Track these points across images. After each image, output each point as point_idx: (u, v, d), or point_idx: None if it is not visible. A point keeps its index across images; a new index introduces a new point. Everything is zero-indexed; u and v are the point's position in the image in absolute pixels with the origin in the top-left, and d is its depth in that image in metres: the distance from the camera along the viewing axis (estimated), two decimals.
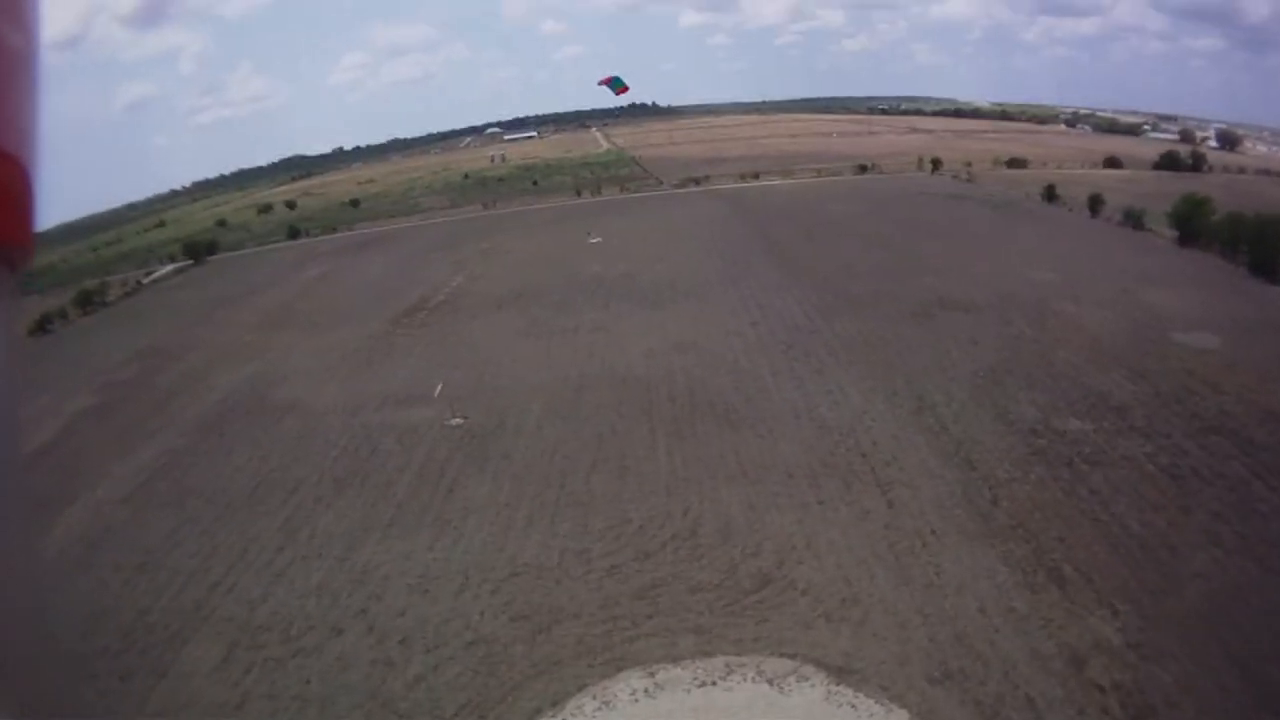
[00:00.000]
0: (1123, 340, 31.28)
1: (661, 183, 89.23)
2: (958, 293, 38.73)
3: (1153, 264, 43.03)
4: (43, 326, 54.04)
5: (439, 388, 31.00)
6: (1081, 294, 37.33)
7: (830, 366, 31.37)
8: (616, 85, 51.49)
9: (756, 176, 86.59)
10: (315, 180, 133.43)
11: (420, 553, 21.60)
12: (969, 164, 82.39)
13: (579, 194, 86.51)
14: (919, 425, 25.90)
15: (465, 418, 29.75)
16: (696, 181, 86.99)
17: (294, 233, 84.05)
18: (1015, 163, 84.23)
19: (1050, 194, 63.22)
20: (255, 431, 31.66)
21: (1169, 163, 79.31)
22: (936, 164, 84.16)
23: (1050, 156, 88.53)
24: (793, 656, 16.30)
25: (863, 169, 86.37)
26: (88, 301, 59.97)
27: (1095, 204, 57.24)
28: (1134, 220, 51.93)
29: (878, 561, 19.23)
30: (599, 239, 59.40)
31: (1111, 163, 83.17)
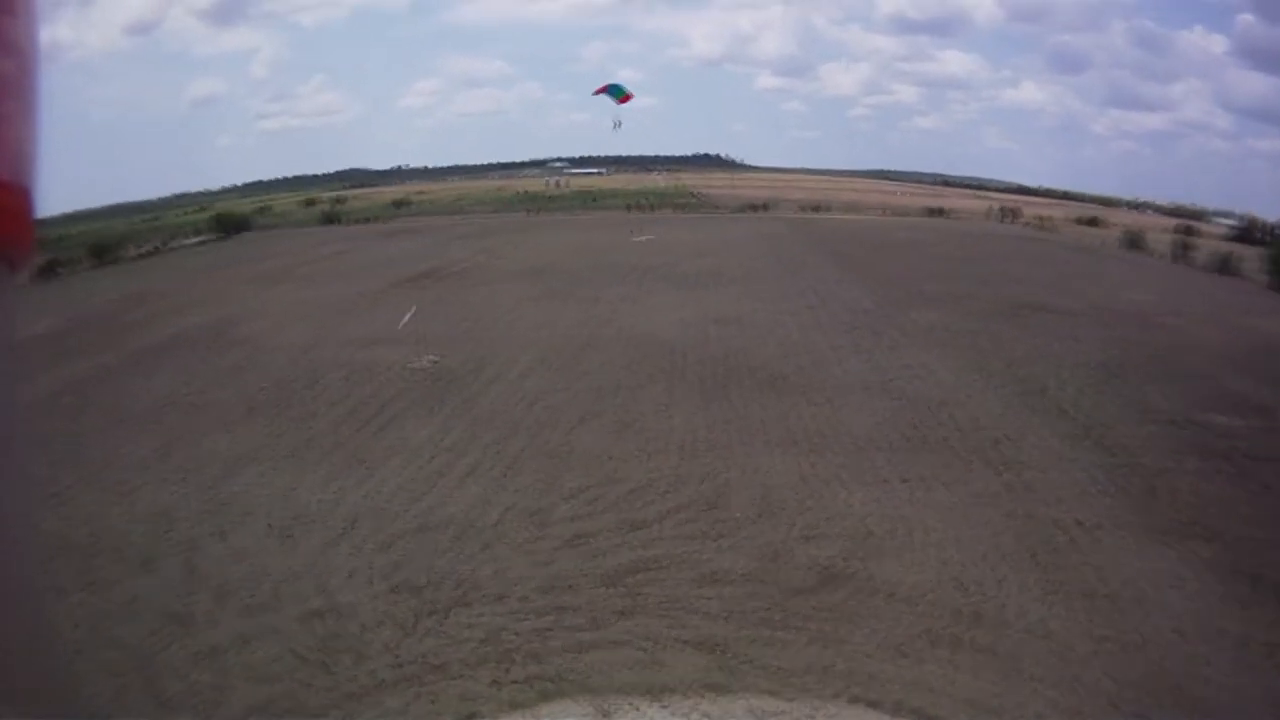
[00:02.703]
0: (1240, 351, 25.07)
1: (719, 209, 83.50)
2: (1046, 300, 32.18)
3: (1247, 298, 37.33)
4: (50, 270, 50.05)
5: (406, 316, 24.42)
6: (1183, 311, 31.08)
7: (906, 346, 24.47)
8: (617, 93, 46.64)
9: (819, 209, 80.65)
10: (370, 190, 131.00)
11: (307, 490, 14.70)
12: (1044, 217, 77.84)
13: (630, 209, 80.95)
14: (1030, 406, 19.03)
15: (435, 360, 23.06)
16: (755, 209, 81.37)
17: (329, 219, 79.54)
18: (1091, 220, 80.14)
19: (1133, 241, 58.00)
20: (193, 360, 25.31)
21: (1243, 235, 73.28)
22: (1013, 213, 79.23)
23: (1123, 222, 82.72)
24: (877, 705, 8.74)
25: (932, 212, 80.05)
26: (100, 255, 56.31)
27: (1181, 250, 51.80)
28: (1222, 265, 46.86)
29: (1004, 559, 11.90)
30: (645, 238, 53.29)
31: (1186, 230, 77.08)
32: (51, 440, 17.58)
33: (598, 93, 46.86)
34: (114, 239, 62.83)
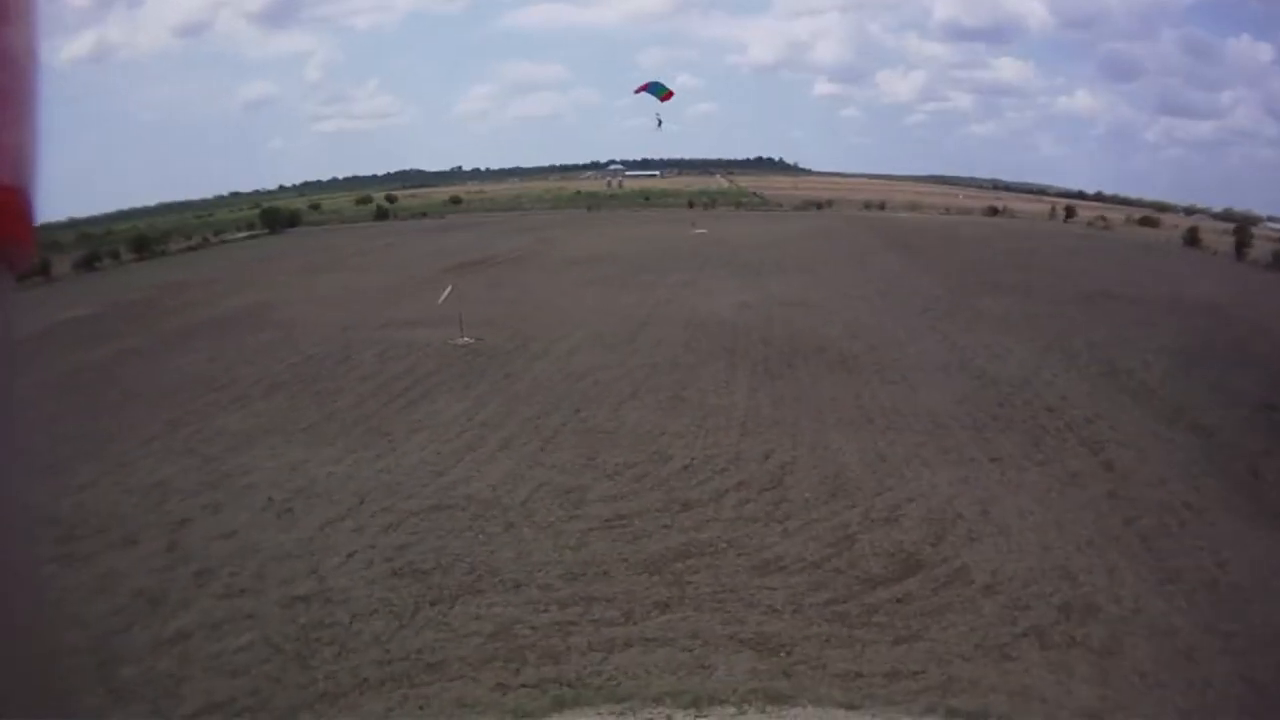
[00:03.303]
0: None
1: (781, 205, 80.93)
2: (1116, 290, 30.06)
3: None
4: (89, 263, 49.66)
5: (445, 293, 22.86)
6: (1257, 305, 28.60)
7: (981, 328, 22.56)
8: (659, 91, 44.91)
9: (882, 207, 77.71)
10: (425, 190, 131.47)
11: (317, 464, 13.13)
12: (1102, 216, 75.16)
13: (691, 205, 78.99)
14: (1118, 386, 17.33)
15: (478, 338, 21.46)
16: (818, 206, 78.68)
17: (382, 214, 79.22)
18: (1148, 221, 76.60)
19: (1192, 237, 55.69)
20: (223, 341, 24.17)
21: None
22: (1070, 211, 76.59)
23: (1179, 224, 78.26)
24: (984, 718, 6.63)
25: (994, 210, 77.28)
26: (143, 247, 55.43)
27: (1240, 248, 49.11)
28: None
29: (1112, 544, 10.07)
30: (704, 230, 51.29)
31: (1241, 232, 72.11)
32: (60, 417, 16.42)
33: (639, 91, 45.49)
34: (157, 233, 61.72)
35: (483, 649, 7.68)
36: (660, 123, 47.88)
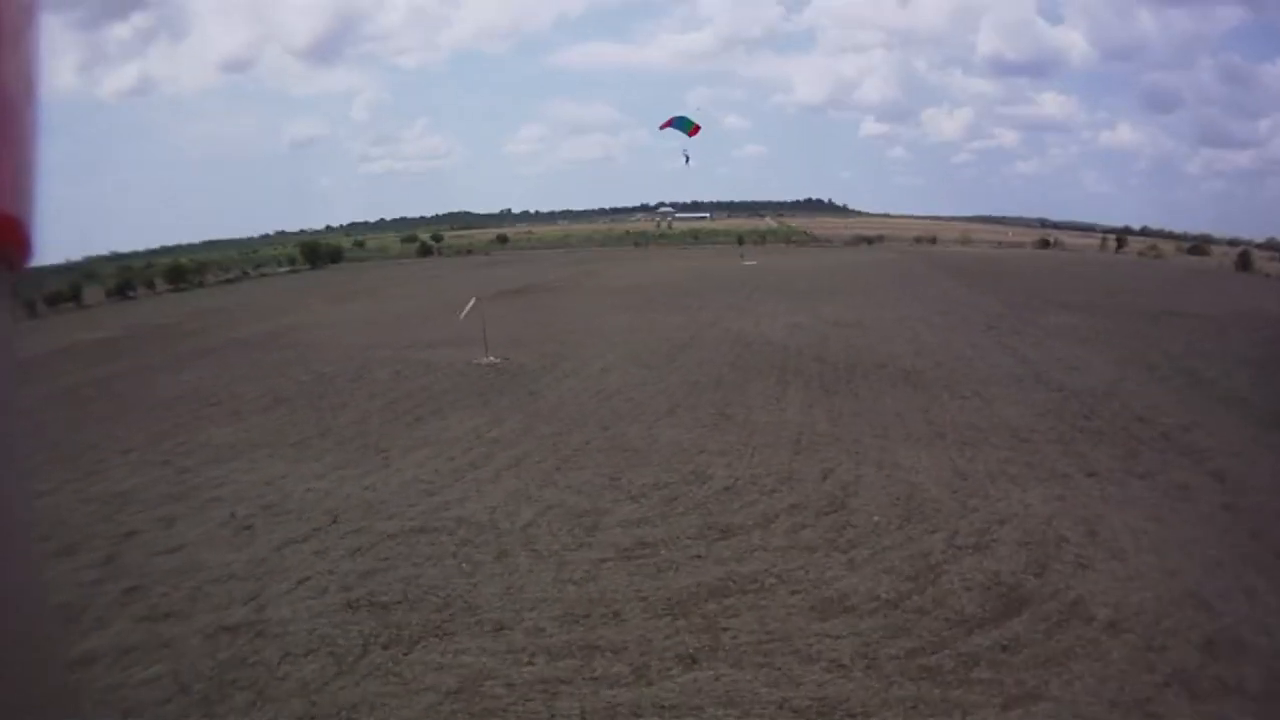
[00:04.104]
0: None
1: (831, 242, 79.14)
2: (1179, 307, 28.64)
3: None
4: (123, 292, 49.59)
5: (468, 306, 21.21)
6: None
7: (1052, 343, 20.74)
8: (685, 126, 42.11)
9: (933, 241, 76.16)
10: (474, 231, 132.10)
11: (297, 480, 11.28)
12: (1154, 246, 76.37)
13: (740, 242, 77.67)
14: (1206, 395, 15.33)
15: (505, 358, 19.73)
16: (869, 242, 77.11)
17: (425, 250, 78.96)
18: (1197, 249, 77.47)
19: (1244, 262, 57.28)
20: (237, 359, 22.88)
21: None
22: (1121, 242, 78.27)
23: (1228, 253, 75.91)
24: None
25: (1045, 243, 78.34)
26: (178, 279, 55.24)
27: None
28: None
29: (1244, 563, 7.84)
30: (754, 262, 49.45)
31: None
32: (46, 426, 15.03)
33: (664, 126, 42.79)
34: (193, 265, 61.47)
35: (436, 710, 5.58)
36: (688, 159, 45.56)
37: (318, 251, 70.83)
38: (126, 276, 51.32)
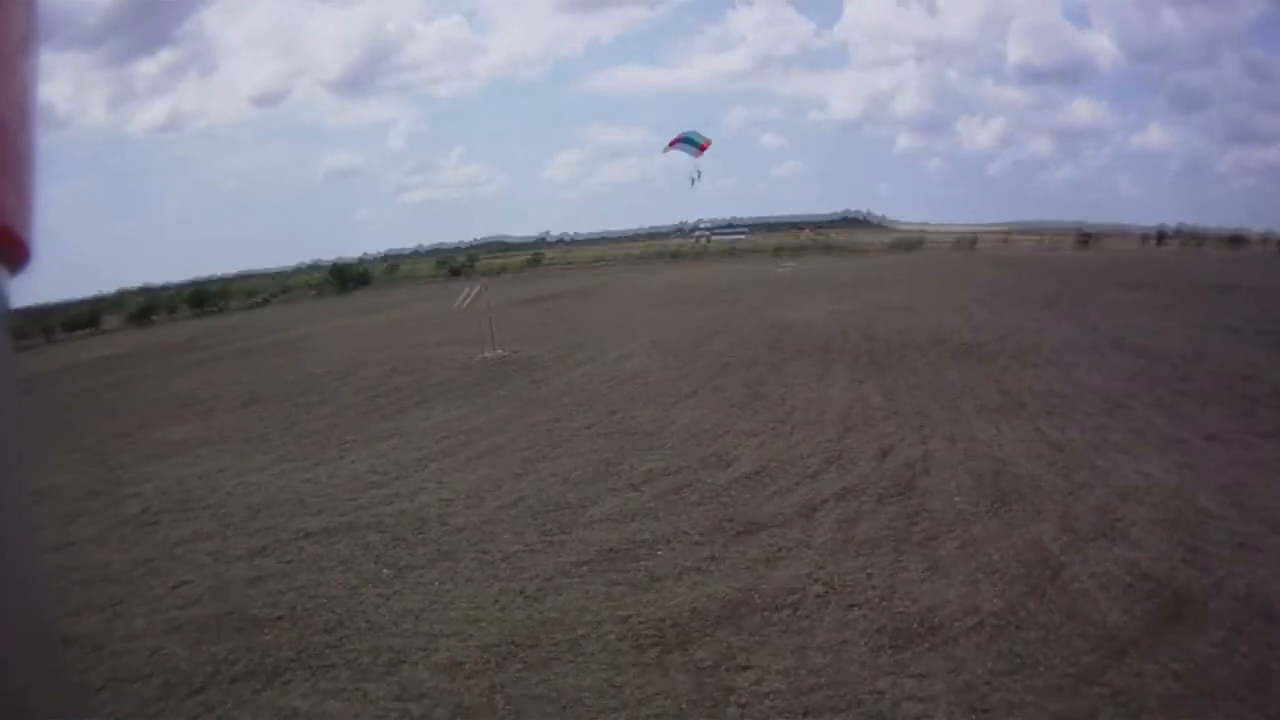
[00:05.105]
0: None
1: (868, 251, 76.21)
2: (1235, 283, 26.71)
3: None
4: (144, 316, 48.92)
5: (471, 293, 19.36)
6: None
7: (1121, 314, 18.83)
8: (694, 143, 38.00)
9: (973, 244, 73.03)
10: (511, 254, 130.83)
11: (234, 474, 9.41)
12: (1194, 236, 73.22)
13: (777, 252, 75.40)
14: None
15: (514, 351, 17.79)
16: (908, 247, 74.39)
17: (455, 272, 77.43)
18: (1236, 240, 72.59)
19: None
20: (230, 365, 21.36)
21: None
22: (1161, 237, 74.37)
23: (1264, 245, 72.84)
24: None
25: (1084, 241, 73.49)
26: (201, 303, 54.38)
27: None
28: None
29: None
30: (792, 264, 47.10)
31: None
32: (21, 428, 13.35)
33: (670, 148, 38.83)
34: (217, 289, 60.34)
35: None
36: (695, 179, 41.62)
37: (346, 275, 69.55)
38: (149, 303, 50.47)
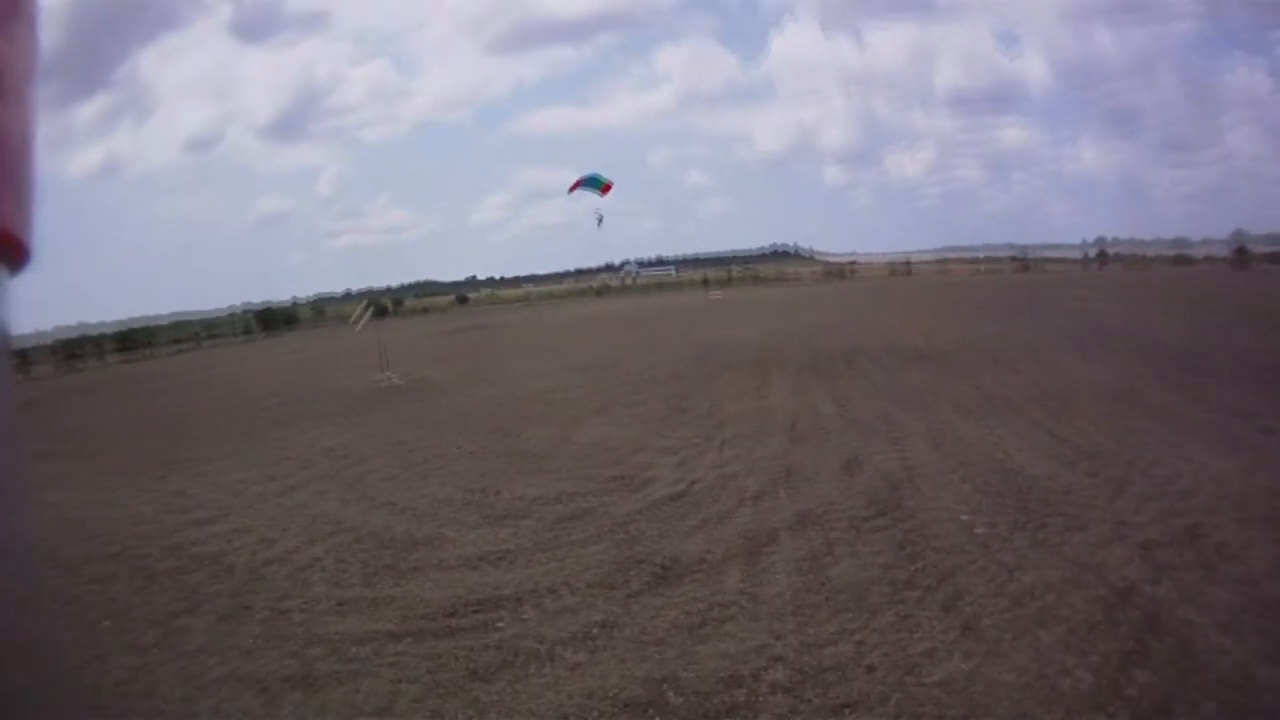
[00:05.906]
0: None
1: (801, 279, 76.36)
2: (1213, 295, 25.25)
3: None
4: (70, 358, 46.74)
5: (363, 316, 17.45)
6: None
7: (1100, 311, 18.76)
8: (596, 185, 37.02)
9: (909, 271, 72.87)
10: (438, 298, 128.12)
11: (49, 510, 6.83)
12: (1135, 256, 70.80)
13: (705, 283, 74.98)
14: None
15: (417, 378, 15.93)
16: (841, 275, 74.70)
17: (381, 312, 75.04)
18: (1181, 260, 68.90)
19: (1241, 260, 54.09)
20: (122, 399, 19.16)
21: None
22: (1104, 257, 71.14)
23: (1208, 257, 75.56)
24: None
25: (1024, 266, 70.49)
26: (128, 347, 52.47)
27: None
28: None
29: None
30: (720, 294, 46.14)
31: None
32: None
33: (573, 189, 37.47)
34: (146, 332, 59.55)
35: None
36: (600, 219, 40.30)
37: (272, 317, 67.97)
38: (76, 346, 48.47)
